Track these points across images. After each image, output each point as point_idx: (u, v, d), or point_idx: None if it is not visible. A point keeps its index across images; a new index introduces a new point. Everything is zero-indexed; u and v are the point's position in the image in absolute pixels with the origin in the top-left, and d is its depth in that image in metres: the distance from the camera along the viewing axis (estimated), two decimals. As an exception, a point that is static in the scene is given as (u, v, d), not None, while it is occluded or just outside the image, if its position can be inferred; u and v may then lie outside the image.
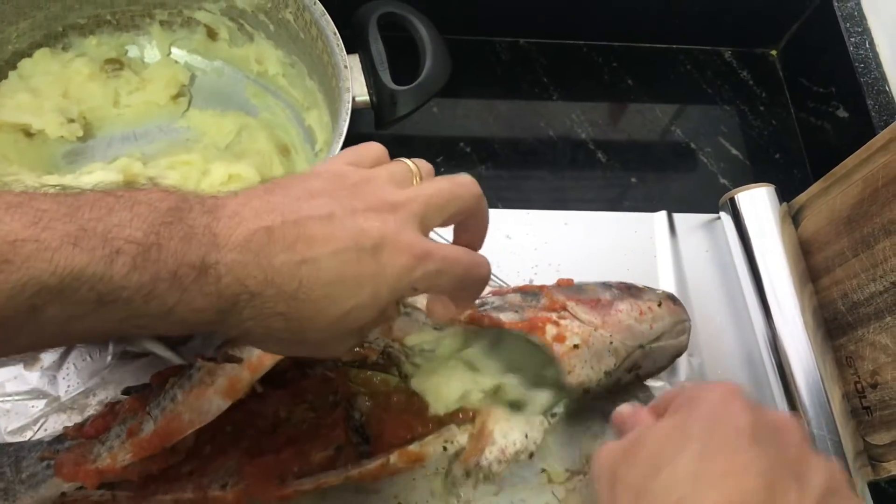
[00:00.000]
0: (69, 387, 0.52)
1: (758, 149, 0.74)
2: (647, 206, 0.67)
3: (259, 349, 0.35)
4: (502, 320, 0.48)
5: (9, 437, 0.50)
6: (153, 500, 0.45)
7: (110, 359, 0.53)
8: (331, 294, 0.30)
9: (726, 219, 0.65)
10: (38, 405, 0.52)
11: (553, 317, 0.49)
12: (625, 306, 0.51)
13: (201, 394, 0.41)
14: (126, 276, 0.27)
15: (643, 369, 0.54)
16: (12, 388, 0.52)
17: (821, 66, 0.73)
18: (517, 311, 0.49)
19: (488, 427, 0.47)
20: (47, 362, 0.53)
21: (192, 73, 0.66)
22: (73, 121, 0.61)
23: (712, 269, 0.64)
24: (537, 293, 0.51)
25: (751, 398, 0.36)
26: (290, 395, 0.47)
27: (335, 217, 0.31)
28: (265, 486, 0.44)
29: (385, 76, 0.55)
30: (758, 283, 0.61)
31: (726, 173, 0.72)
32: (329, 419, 0.47)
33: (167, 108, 0.64)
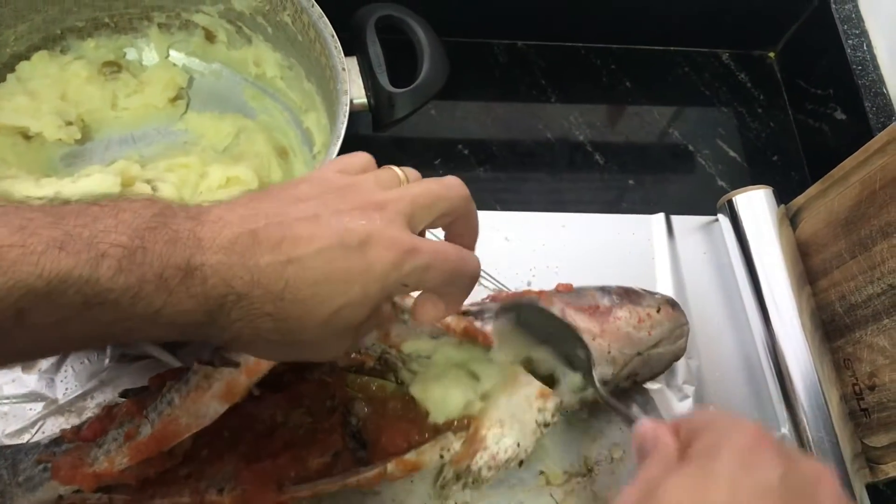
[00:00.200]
0: (67, 389, 0.52)
1: (756, 151, 0.74)
2: (644, 208, 0.68)
3: (252, 355, 0.35)
4: None
5: (6, 440, 0.50)
6: (150, 504, 0.45)
7: (108, 361, 0.53)
8: (319, 293, 0.30)
9: (724, 221, 0.65)
10: (36, 408, 0.52)
11: None
12: (623, 313, 0.51)
13: (198, 397, 0.41)
14: (112, 279, 0.27)
15: (640, 376, 0.54)
16: (10, 391, 0.52)
17: (818, 68, 0.73)
18: None
19: (481, 432, 0.47)
20: (45, 365, 0.53)
21: (190, 76, 0.66)
22: (70, 123, 0.61)
23: (710, 271, 0.64)
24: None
25: (782, 445, 0.33)
26: (288, 399, 0.47)
27: (320, 217, 0.31)
28: (262, 491, 0.44)
29: (383, 79, 0.55)
30: (756, 286, 0.61)
31: (724, 175, 0.72)
32: (326, 424, 0.47)
33: (165, 111, 0.64)
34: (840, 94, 0.70)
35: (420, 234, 0.35)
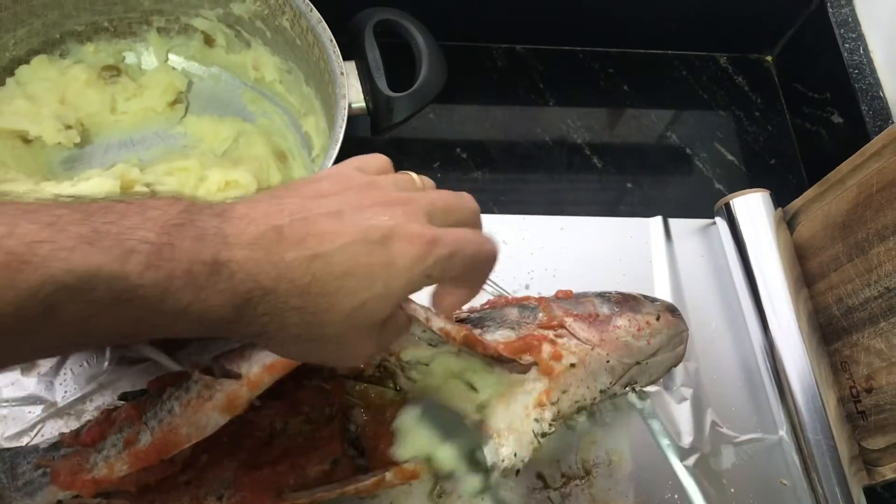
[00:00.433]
0: (66, 392, 0.52)
1: (753, 154, 0.74)
2: (642, 211, 0.68)
3: (275, 353, 0.35)
4: (498, 341, 0.48)
5: (5, 443, 0.50)
6: (149, 510, 0.45)
7: (107, 364, 0.53)
8: (344, 286, 0.31)
9: (722, 224, 0.65)
10: (35, 411, 0.52)
11: (550, 335, 0.49)
12: (623, 322, 0.51)
13: (199, 407, 0.41)
14: (141, 275, 0.27)
15: (639, 384, 0.54)
16: (9, 394, 0.52)
17: (816, 71, 0.74)
18: (513, 328, 0.49)
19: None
20: (44, 368, 0.53)
21: (189, 80, 0.66)
22: (70, 127, 0.61)
23: (708, 274, 0.65)
24: (535, 307, 0.51)
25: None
26: (287, 406, 0.47)
27: (343, 213, 0.32)
28: (261, 498, 0.44)
29: (381, 83, 0.55)
30: (753, 288, 0.61)
31: (722, 178, 0.72)
32: (325, 431, 0.47)
33: (164, 115, 0.64)
34: (837, 98, 0.70)
35: None
